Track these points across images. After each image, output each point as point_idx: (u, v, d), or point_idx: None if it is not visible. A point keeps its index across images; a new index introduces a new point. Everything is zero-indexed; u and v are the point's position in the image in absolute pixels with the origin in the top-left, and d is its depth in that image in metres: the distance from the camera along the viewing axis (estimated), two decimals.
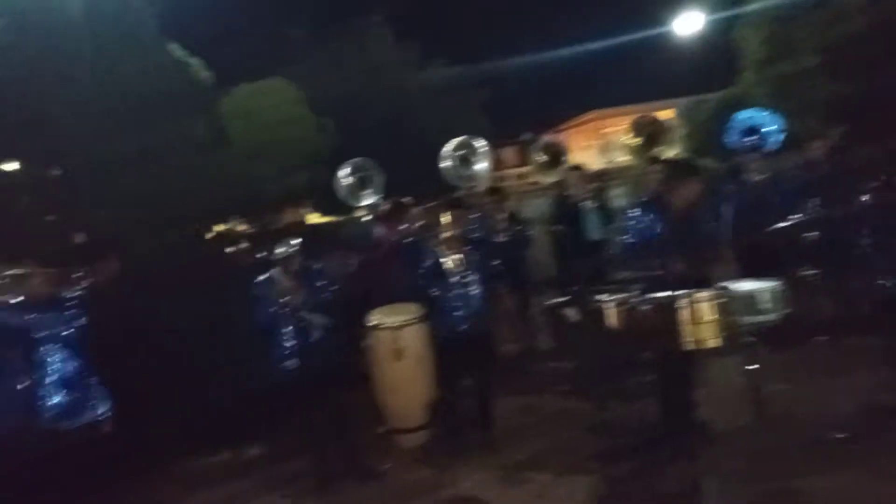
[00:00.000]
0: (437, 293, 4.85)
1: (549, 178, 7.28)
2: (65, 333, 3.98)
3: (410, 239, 6.19)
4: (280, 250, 4.67)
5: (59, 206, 6.39)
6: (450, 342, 4.72)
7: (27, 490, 4.16)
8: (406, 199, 9.43)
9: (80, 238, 6.49)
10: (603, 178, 10.21)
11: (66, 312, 4.03)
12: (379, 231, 6.78)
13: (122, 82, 5.58)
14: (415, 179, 10.59)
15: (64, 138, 6.13)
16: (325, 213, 13.46)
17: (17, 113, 6.04)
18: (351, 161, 6.74)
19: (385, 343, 4.40)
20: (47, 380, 3.93)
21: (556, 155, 7.15)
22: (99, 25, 5.65)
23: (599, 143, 24.95)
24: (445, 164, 6.25)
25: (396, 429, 4.50)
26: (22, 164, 6.21)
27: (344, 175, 6.78)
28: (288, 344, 4.66)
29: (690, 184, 4.44)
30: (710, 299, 3.87)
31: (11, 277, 3.80)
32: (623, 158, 7.35)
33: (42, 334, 3.92)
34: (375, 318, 4.54)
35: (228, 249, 8.90)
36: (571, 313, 4.80)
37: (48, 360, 3.96)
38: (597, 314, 4.09)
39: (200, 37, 9.12)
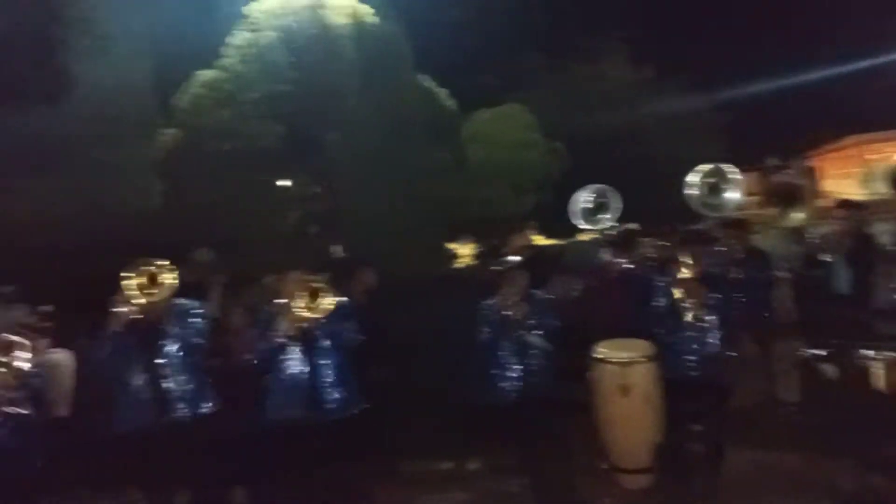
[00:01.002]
0: (667, 332, 4.66)
1: (786, 223, 6.58)
2: (352, 337, 4.39)
3: (638, 270, 6.00)
4: (503, 268, 4.82)
5: (321, 220, 7.24)
6: (680, 384, 4.50)
7: (291, 470, 4.72)
8: (633, 226, 9.18)
9: (335, 250, 7.29)
10: (865, 212, 9.00)
11: (339, 317, 4.41)
12: (605, 257, 6.68)
13: (381, 111, 6.18)
14: (645, 205, 10.30)
15: (330, 159, 6.95)
16: (548, 236, 13.59)
17: (296, 138, 7.01)
18: (592, 186, 6.72)
19: (611, 378, 4.32)
20: (325, 377, 4.34)
21: (789, 196, 6.43)
22: (365, 61, 6.33)
23: (860, 172, 22.04)
24: (692, 191, 5.93)
25: (618, 467, 4.38)
26: (293, 181, 7.15)
27: (582, 198, 6.76)
28: (509, 364, 4.75)
29: None
30: None
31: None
32: (890, 190, 6.39)
33: (321, 338, 4.34)
34: (602, 350, 4.47)
35: (459, 267, 9.40)
36: (829, 368, 4.31)
37: (326, 359, 4.37)
38: (860, 372, 3.63)
39: (446, 66, 9.77)
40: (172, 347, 4.20)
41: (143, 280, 4.06)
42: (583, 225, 6.89)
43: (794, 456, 5.38)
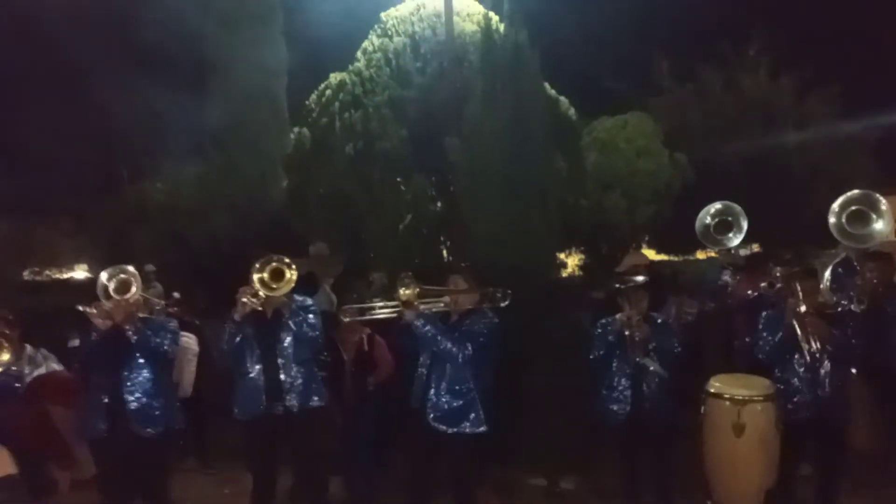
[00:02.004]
0: (778, 367, 4.36)
1: None
2: (450, 350, 4.20)
3: (761, 299, 5.64)
4: (626, 287, 4.69)
5: (435, 222, 7.37)
6: (792, 426, 4.22)
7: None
8: (757, 248, 8.63)
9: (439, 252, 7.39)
10: None
11: (468, 331, 4.28)
12: (728, 281, 6.33)
13: (502, 118, 6.19)
14: (773, 226, 9.70)
15: (449, 164, 7.05)
16: (660, 251, 13.08)
17: (417, 141, 7.18)
18: (720, 203, 6.36)
19: (724, 415, 4.09)
20: (434, 386, 4.29)
21: None
22: (491, 69, 6.35)
23: None
24: (833, 218, 5.51)
25: None
26: (412, 183, 7.30)
27: (708, 214, 6.44)
28: (621, 386, 4.64)
29: None
30: None
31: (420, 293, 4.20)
32: None
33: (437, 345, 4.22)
34: (716, 385, 4.25)
35: (570, 278, 9.26)
36: None
37: (443, 368, 4.30)
38: None
39: (571, 72, 9.64)
40: (287, 340, 4.37)
41: (265, 275, 4.25)
42: (706, 243, 6.55)
43: None
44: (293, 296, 4.47)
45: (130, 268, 4.37)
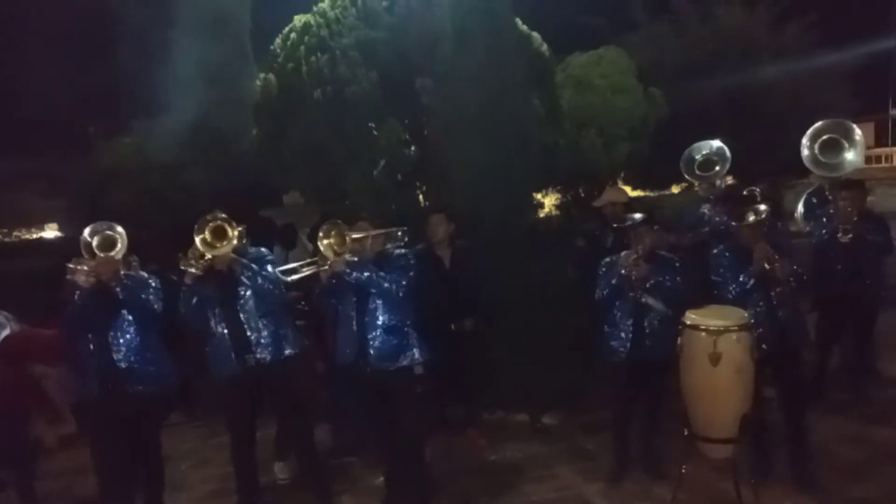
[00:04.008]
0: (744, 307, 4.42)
1: None
2: (390, 288, 4.23)
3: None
4: (629, 225, 4.68)
5: (409, 167, 7.27)
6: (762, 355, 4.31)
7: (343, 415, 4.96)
8: (730, 180, 8.65)
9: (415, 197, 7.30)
10: None
11: (394, 268, 4.31)
12: (707, 213, 6.34)
13: (475, 57, 6.05)
14: (752, 157, 9.69)
15: (422, 107, 6.91)
16: (637, 187, 13.08)
17: (389, 84, 7.01)
18: (712, 144, 6.30)
19: (700, 346, 4.14)
20: (371, 327, 4.31)
21: None
22: (461, 6, 6.17)
23: None
24: (805, 148, 5.53)
25: (701, 436, 4.27)
26: (385, 128, 7.13)
27: (691, 154, 6.44)
28: (622, 324, 4.65)
29: None
30: None
31: (353, 240, 4.16)
32: None
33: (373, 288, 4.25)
34: (692, 317, 4.29)
35: (549, 217, 9.24)
36: None
37: (375, 310, 4.32)
38: None
39: (543, 7, 9.36)
40: (246, 295, 4.33)
41: (206, 235, 4.14)
42: (689, 177, 6.55)
43: (887, 431, 5.16)
44: (246, 249, 4.43)
45: (117, 226, 4.29)
